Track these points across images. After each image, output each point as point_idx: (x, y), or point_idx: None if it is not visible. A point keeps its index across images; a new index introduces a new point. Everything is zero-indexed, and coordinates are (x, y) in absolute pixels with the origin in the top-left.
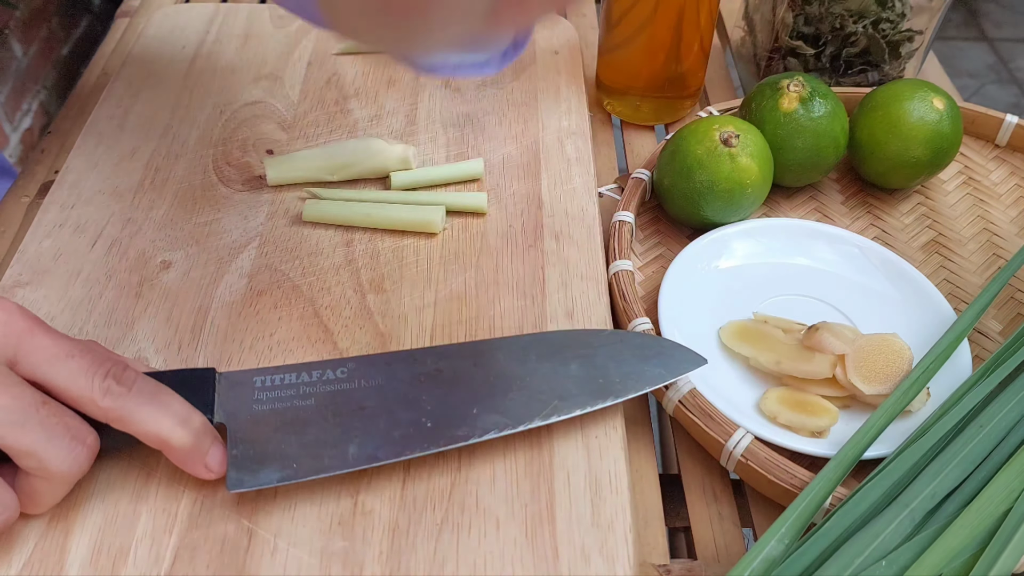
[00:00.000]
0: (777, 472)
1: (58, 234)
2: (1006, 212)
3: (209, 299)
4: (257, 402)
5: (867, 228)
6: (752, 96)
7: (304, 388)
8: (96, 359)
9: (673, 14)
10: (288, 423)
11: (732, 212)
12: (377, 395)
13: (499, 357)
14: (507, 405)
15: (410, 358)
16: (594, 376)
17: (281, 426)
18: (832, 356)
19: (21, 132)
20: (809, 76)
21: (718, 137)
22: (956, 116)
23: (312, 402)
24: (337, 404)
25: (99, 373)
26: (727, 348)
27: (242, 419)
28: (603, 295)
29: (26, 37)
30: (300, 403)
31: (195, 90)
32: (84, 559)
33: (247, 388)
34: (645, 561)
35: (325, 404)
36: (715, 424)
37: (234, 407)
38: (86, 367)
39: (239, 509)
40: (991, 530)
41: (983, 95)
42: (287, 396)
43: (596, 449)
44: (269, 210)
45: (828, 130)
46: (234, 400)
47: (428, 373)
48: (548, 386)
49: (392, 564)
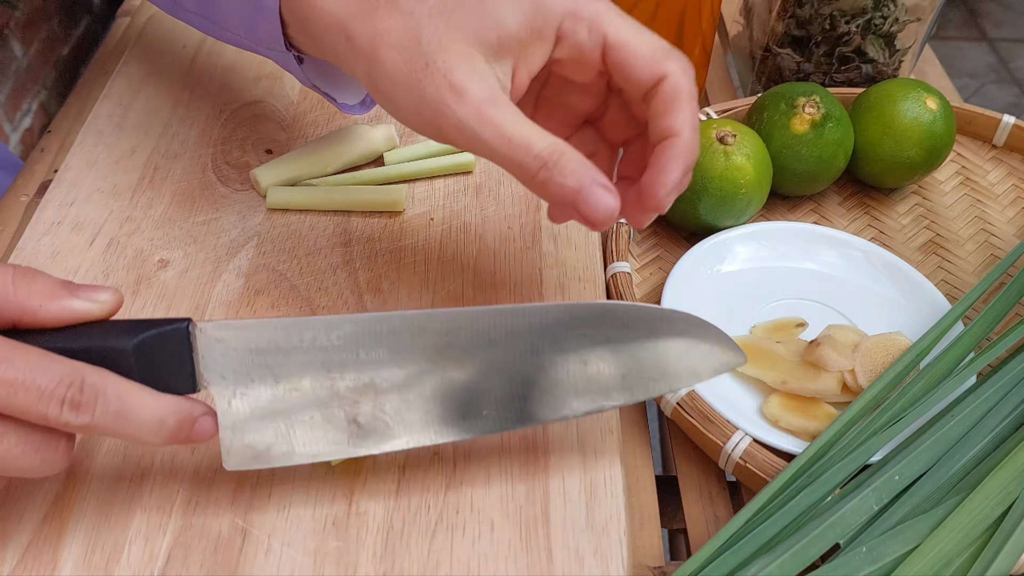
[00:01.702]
0: (775, 474)
1: (56, 232)
2: (1003, 212)
3: (206, 298)
4: (245, 370)
5: (864, 229)
6: (764, 104)
7: (298, 356)
8: (46, 381)
9: (674, 16)
10: (285, 401)
11: (727, 213)
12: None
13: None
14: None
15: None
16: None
17: (277, 404)
18: (838, 372)
19: (21, 132)
20: (825, 93)
21: (714, 135)
22: (949, 116)
23: (308, 382)
24: (339, 379)
25: (53, 402)
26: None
27: (230, 389)
28: (601, 297)
29: (26, 37)
30: (296, 380)
31: (195, 89)
32: (77, 558)
33: (231, 353)
34: (640, 563)
35: (325, 376)
36: (713, 426)
37: (219, 373)
38: (35, 400)
39: (233, 508)
40: (988, 531)
41: (983, 95)
42: (279, 364)
43: (591, 451)
44: (267, 210)
45: (834, 155)
46: (219, 366)
47: (438, 347)
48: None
49: (386, 564)
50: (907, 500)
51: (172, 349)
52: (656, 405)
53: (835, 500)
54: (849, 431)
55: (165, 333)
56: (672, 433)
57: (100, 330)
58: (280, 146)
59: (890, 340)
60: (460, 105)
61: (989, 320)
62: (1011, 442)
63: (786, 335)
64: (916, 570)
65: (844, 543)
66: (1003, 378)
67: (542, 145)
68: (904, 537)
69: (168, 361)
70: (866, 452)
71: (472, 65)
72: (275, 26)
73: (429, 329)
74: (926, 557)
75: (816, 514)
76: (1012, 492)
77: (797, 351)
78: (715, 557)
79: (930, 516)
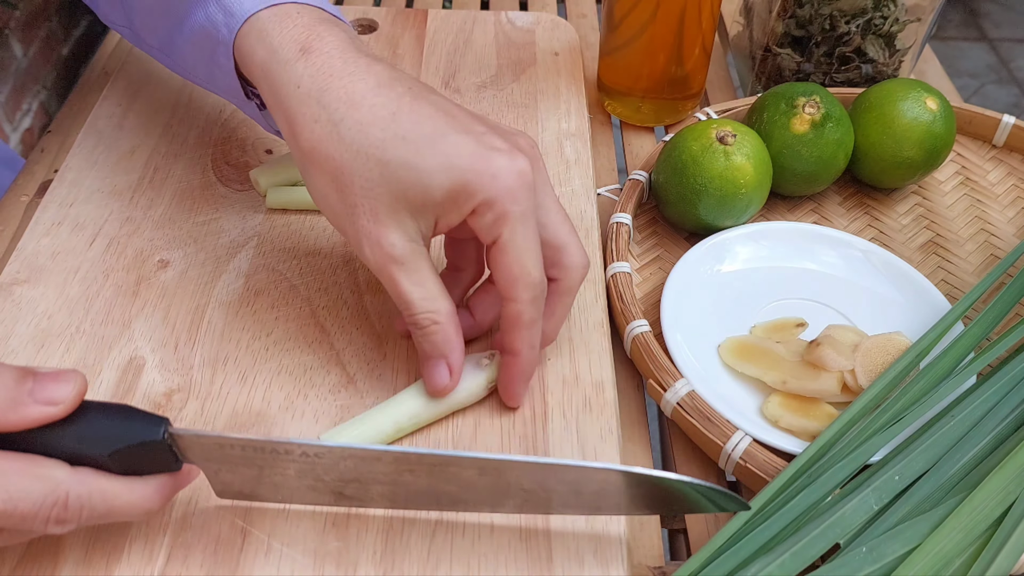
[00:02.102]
0: (775, 475)
1: (56, 232)
2: (1003, 212)
3: (206, 298)
4: (228, 458)
5: (864, 229)
6: (764, 104)
7: (278, 457)
8: (28, 506)
9: (675, 15)
10: (271, 480)
11: (726, 213)
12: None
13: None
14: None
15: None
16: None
17: (263, 480)
18: (838, 372)
19: (21, 132)
20: (825, 93)
21: (714, 135)
22: (949, 116)
23: (293, 471)
24: (324, 475)
25: (38, 522)
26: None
27: (215, 467)
28: (600, 297)
29: (26, 37)
30: (280, 469)
31: (195, 89)
32: (78, 558)
33: (212, 447)
34: (640, 563)
35: (310, 471)
36: (713, 426)
37: (202, 459)
38: (19, 523)
39: (233, 509)
40: (988, 531)
41: (983, 95)
42: (261, 458)
43: (592, 451)
44: (267, 210)
45: (834, 155)
46: (199, 457)
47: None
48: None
49: (386, 565)
50: (907, 500)
51: (149, 452)
52: (656, 405)
53: (835, 500)
54: (849, 431)
55: (142, 444)
56: (672, 433)
57: (73, 437)
58: (280, 146)
59: (890, 340)
60: (371, 251)
61: (989, 320)
62: (1011, 442)
63: (786, 335)
64: (916, 570)
65: (844, 543)
66: (1003, 378)
67: (421, 311)
68: (904, 537)
69: (147, 458)
70: (866, 452)
71: (396, 218)
72: (233, 81)
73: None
74: (926, 557)
75: (816, 514)
76: (1012, 492)
77: (797, 351)
78: (715, 557)
79: (930, 516)
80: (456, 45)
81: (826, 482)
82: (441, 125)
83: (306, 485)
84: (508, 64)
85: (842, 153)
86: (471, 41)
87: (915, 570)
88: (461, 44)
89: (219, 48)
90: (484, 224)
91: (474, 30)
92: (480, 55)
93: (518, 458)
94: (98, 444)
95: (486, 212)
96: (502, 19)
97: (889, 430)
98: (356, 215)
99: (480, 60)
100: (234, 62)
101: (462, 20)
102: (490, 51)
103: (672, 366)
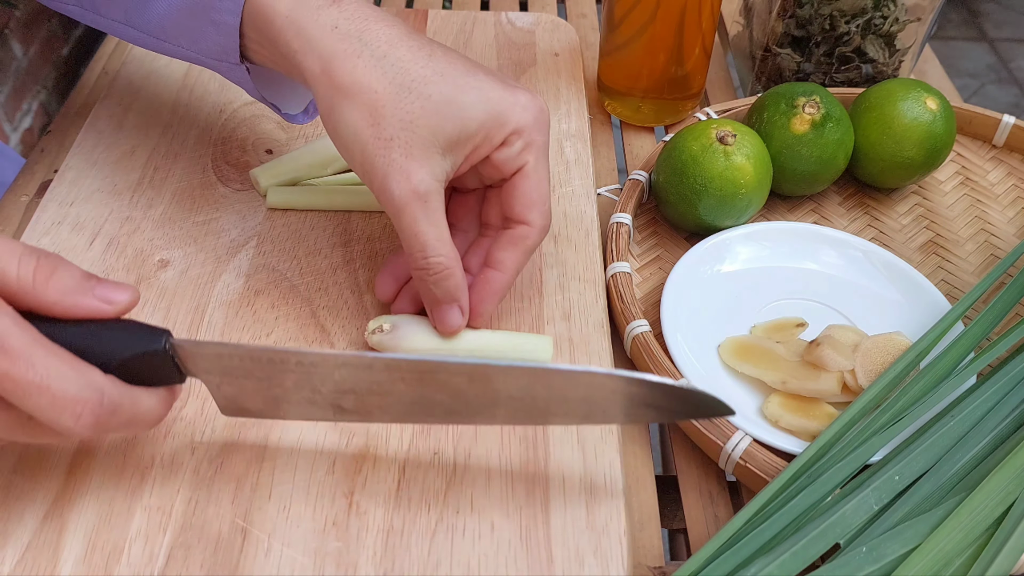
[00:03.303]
0: (775, 475)
1: (56, 232)
2: (1003, 212)
3: (206, 298)
4: (227, 371)
5: (864, 229)
6: (764, 104)
7: (279, 366)
8: (62, 391)
9: (675, 15)
10: (270, 391)
11: (726, 213)
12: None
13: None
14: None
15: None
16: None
17: (262, 391)
18: (838, 372)
19: (21, 132)
20: (825, 93)
21: (714, 135)
22: (949, 116)
23: (291, 382)
24: (320, 386)
25: (67, 414)
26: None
27: (216, 379)
28: (600, 297)
29: (26, 37)
30: (279, 379)
31: (195, 89)
32: (78, 557)
33: (212, 359)
34: (640, 563)
35: (306, 383)
36: (713, 426)
37: (203, 371)
38: (47, 405)
39: (233, 508)
40: (988, 531)
41: (983, 95)
42: (260, 369)
43: (591, 451)
44: (267, 210)
45: (834, 155)
46: (201, 369)
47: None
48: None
49: (386, 565)
50: (907, 500)
51: (153, 361)
52: None
53: (835, 500)
54: (849, 431)
55: (145, 354)
56: (672, 433)
57: (80, 349)
58: (280, 146)
59: (890, 340)
60: (397, 186)
61: (989, 320)
62: (1011, 442)
63: (786, 335)
64: (916, 570)
65: (844, 543)
66: (1003, 378)
67: (436, 255)
68: (904, 537)
69: (152, 369)
70: (866, 452)
71: (427, 155)
72: (232, 40)
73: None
74: (926, 557)
75: (816, 514)
76: (1012, 492)
77: (797, 351)
78: (715, 557)
79: (930, 516)
80: (456, 45)
81: (826, 482)
82: (469, 66)
83: (304, 398)
84: (508, 64)
85: (842, 153)
86: (471, 42)
87: (915, 570)
88: (461, 44)
89: (222, 4)
90: (511, 153)
91: (474, 30)
92: (480, 55)
93: (504, 363)
94: (106, 355)
95: (516, 140)
96: (502, 19)
97: (889, 430)
98: (391, 148)
99: (480, 60)
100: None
101: (462, 20)
102: (490, 51)
103: (672, 366)
